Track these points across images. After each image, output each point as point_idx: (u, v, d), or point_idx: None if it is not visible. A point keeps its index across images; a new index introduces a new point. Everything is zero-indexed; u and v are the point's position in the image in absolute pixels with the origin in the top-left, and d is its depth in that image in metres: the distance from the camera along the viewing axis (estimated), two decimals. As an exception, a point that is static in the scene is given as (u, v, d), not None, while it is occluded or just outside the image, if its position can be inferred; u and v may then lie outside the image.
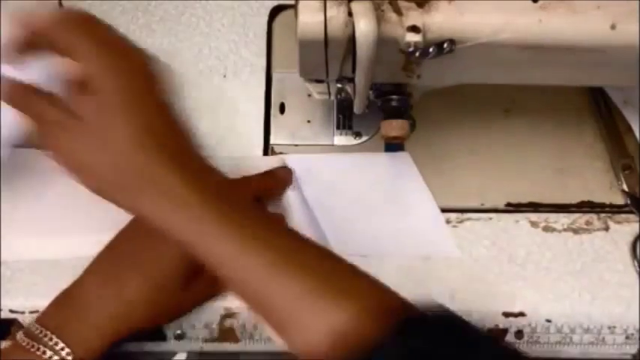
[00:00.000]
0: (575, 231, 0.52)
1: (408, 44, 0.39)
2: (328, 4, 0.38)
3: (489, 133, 0.56)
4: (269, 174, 0.51)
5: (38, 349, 0.41)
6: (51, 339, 0.42)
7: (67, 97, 0.40)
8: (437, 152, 0.55)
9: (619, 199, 0.54)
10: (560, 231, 0.52)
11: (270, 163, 0.52)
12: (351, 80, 0.43)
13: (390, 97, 0.46)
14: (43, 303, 0.48)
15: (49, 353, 0.41)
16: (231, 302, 0.49)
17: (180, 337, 0.49)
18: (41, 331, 0.42)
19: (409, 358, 0.34)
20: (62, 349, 0.42)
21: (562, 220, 0.52)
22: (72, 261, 0.49)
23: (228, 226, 0.38)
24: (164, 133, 0.40)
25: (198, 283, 0.46)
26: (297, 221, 0.50)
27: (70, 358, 0.41)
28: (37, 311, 0.48)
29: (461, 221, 0.52)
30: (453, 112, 0.56)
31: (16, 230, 0.51)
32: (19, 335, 0.43)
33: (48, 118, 0.39)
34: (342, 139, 0.56)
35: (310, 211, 0.51)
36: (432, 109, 0.54)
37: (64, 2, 0.58)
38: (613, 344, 0.50)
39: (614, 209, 0.53)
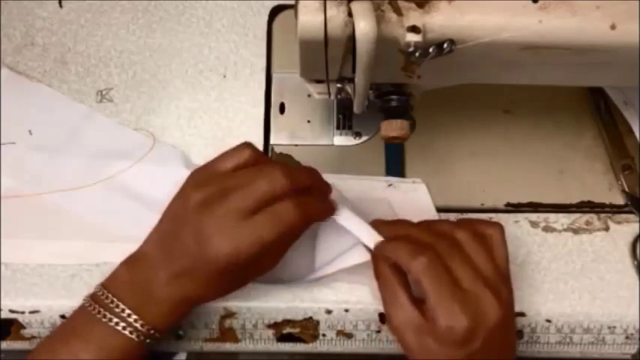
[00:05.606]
0: (575, 231, 0.52)
1: (408, 44, 0.39)
2: (328, 4, 0.38)
3: (489, 133, 0.56)
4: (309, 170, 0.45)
5: (105, 315, 0.41)
6: (118, 306, 0.41)
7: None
8: (437, 152, 0.55)
9: (619, 200, 0.54)
10: (560, 231, 0.52)
11: None
12: (351, 80, 0.43)
13: (390, 97, 0.46)
14: (43, 303, 0.49)
15: (115, 320, 0.41)
16: (231, 302, 0.49)
17: (180, 337, 0.49)
18: (108, 298, 0.41)
19: None
20: (129, 315, 0.41)
21: (562, 220, 0.52)
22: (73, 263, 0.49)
23: None
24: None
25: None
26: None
27: (138, 324, 0.41)
28: (37, 311, 0.48)
29: (461, 221, 0.52)
30: (453, 112, 0.56)
31: (17, 232, 0.51)
32: (86, 300, 0.42)
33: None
34: (342, 139, 0.56)
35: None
36: (432, 109, 0.54)
37: (64, 2, 0.58)
38: (613, 344, 0.50)
39: (614, 209, 0.53)
